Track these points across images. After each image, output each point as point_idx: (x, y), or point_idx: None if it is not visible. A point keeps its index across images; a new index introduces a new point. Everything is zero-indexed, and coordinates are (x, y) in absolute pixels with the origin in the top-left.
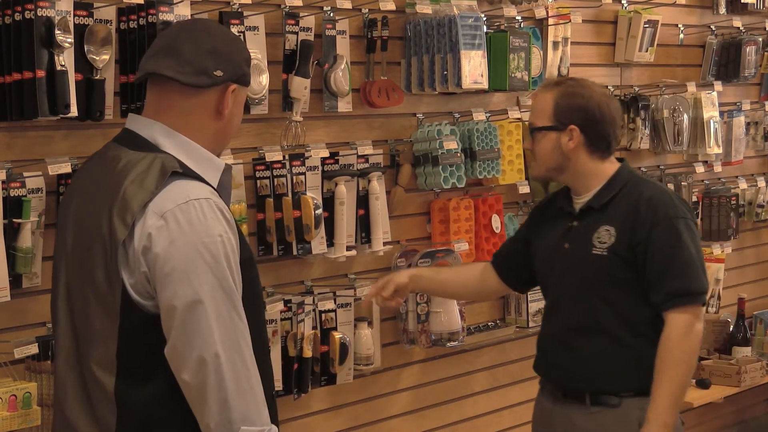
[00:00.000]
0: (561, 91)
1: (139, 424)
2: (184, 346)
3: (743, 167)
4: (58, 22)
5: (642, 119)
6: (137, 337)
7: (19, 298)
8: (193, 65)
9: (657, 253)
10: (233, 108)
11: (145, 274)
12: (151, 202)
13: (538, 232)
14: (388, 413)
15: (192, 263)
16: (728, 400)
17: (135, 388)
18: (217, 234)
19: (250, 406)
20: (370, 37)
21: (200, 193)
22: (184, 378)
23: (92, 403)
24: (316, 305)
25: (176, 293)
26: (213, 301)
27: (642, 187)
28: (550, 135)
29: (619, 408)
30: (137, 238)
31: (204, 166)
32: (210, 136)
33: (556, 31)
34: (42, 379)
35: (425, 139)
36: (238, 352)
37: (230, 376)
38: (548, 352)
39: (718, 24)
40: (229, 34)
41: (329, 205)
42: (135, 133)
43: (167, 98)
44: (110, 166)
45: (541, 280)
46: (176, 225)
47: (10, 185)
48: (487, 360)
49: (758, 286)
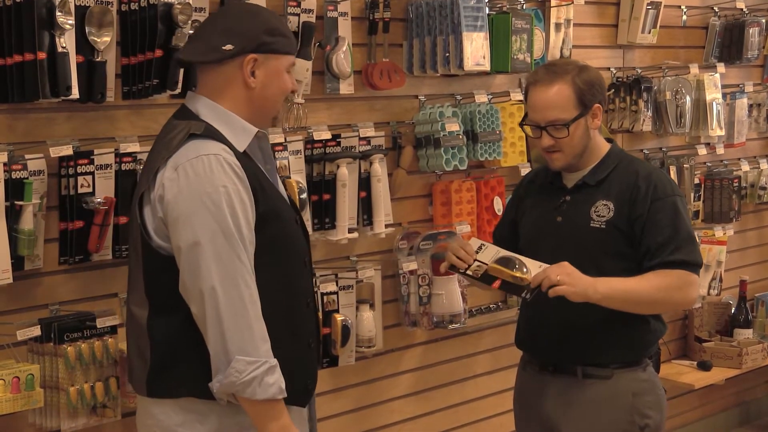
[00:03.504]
0: (573, 75)
1: (166, 354)
2: (189, 281)
3: (746, 149)
4: (59, 4)
5: (644, 101)
6: (158, 275)
7: (22, 281)
8: (206, 44)
9: (658, 226)
10: (263, 77)
11: (161, 218)
12: (170, 157)
13: (525, 208)
14: (390, 395)
15: (195, 209)
16: (729, 382)
17: (161, 322)
18: (221, 185)
19: (246, 339)
20: (371, 18)
21: (211, 149)
22: (193, 310)
23: (138, 338)
24: (318, 287)
25: (181, 236)
26: (212, 243)
27: (636, 165)
28: (580, 122)
29: (611, 379)
30: (156, 186)
31: (237, 131)
32: (246, 105)
33: (559, 13)
34: (45, 360)
35: (427, 121)
36: (236, 289)
37: (227, 310)
38: (537, 325)
39: (721, 5)
40: (248, 9)
41: (331, 188)
42: (186, 107)
43: (201, 76)
44: (160, 136)
45: (528, 252)
46: (185, 176)
47: (11, 167)
48: (488, 342)
49: (760, 269)
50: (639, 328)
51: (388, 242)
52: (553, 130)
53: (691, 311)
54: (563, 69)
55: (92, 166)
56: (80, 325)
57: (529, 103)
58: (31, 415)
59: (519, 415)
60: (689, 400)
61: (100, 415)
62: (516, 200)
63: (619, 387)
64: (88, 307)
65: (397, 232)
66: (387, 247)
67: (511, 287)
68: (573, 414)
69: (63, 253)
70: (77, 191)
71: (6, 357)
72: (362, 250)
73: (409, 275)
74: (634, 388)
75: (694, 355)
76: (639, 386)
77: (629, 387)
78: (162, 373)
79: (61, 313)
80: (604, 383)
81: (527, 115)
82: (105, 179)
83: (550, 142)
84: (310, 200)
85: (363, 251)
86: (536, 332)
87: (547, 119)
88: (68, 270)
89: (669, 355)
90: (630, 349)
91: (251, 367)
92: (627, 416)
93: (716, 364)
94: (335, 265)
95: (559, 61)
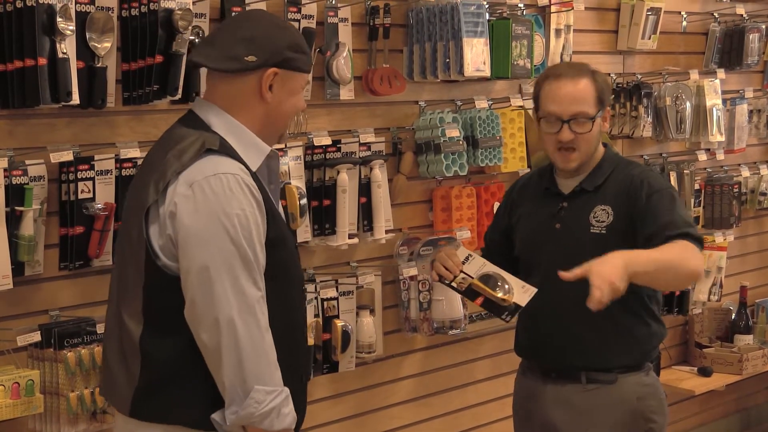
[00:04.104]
0: (594, 74)
1: (159, 375)
2: (201, 308)
3: (746, 155)
4: (59, 10)
5: (644, 107)
6: (160, 295)
7: (22, 286)
8: (225, 52)
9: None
10: (280, 93)
11: (171, 237)
12: (183, 171)
13: (520, 215)
14: (390, 401)
15: (211, 231)
16: (730, 388)
17: (158, 341)
18: (239, 207)
19: (263, 368)
20: (372, 24)
21: (229, 168)
22: (202, 338)
23: (125, 351)
24: (318, 293)
25: (194, 257)
26: (229, 268)
27: (631, 167)
28: (598, 120)
29: (615, 384)
30: (167, 202)
31: (250, 149)
32: (258, 119)
33: (559, 19)
34: (45, 366)
35: (427, 126)
36: (254, 317)
37: (245, 339)
38: (538, 331)
39: (721, 11)
40: (275, 21)
41: (331, 193)
42: (194, 114)
43: (213, 83)
44: (166, 142)
45: (526, 260)
46: (202, 195)
47: (12, 173)
48: (489, 348)
49: (760, 274)
50: (641, 331)
51: (389, 248)
52: (575, 125)
53: (692, 317)
54: (584, 67)
55: (92, 172)
56: (80, 331)
57: (550, 96)
58: (31, 421)
59: (519, 421)
60: (690, 406)
61: (101, 421)
62: (509, 206)
63: (623, 391)
64: (89, 312)
65: (398, 237)
66: (387, 252)
67: (492, 306)
68: (577, 420)
69: (63, 258)
70: (77, 197)
71: (6, 363)
72: (362, 256)
73: (410, 281)
74: (638, 392)
75: (695, 361)
76: (643, 390)
77: (633, 391)
78: (151, 395)
79: (61, 318)
80: (608, 388)
81: (539, 109)
82: (105, 185)
83: (571, 136)
84: (311, 206)
85: (363, 257)
86: (538, 339)
87: (572, 112)
88: (68, 276)
89: (669, 361)
90: (633, 353)
91: (270, 396)
92: (632, 421)
93: (717, 370)
94: (335, 271)
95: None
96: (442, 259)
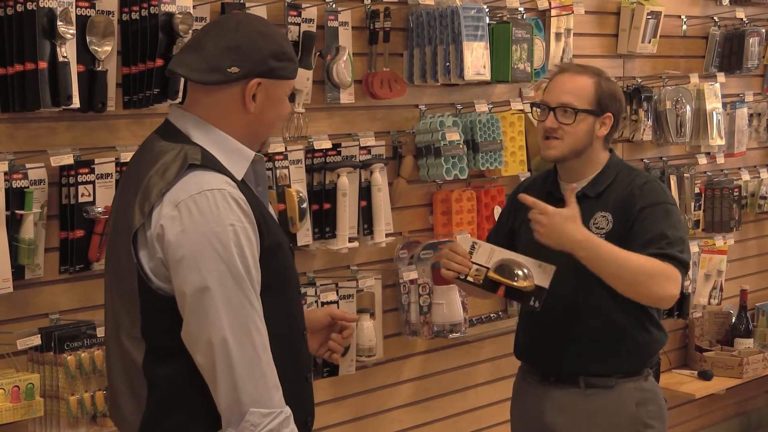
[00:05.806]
0: (601, 78)
1: (165, 398)
2: (195, 329)
3: (746, 159)
4: (60, 13)
5: (644, 110)
6: (158, 317)
7: (22, 290)
8: (208, 62)
9: (648, 227)
10: (264, 102)
11: (161, 259)
12: (168, 191)
13: (523, 218)
14: (391, 405)
15: (201, 251)
16: (730, 392)
17: (161, 364)
18: (228, 223)
19: (260, 389)
20: (372, 28)
21: (214, 183)
22: (198, 360)
23: (129, 376)
24: (318, 297)
25: (186, 279)
26: (222, 288)
27: (633, 175)
28: (588, 119)
29: (614, 390)
30: (153, 225)
31: (232, 157)
32: (242, 129)
33: (559, 23)
34: (45, 370)
35: (427, 130)
36: (248, 336)
37: (239, 361)
38: (537, 336)
39: (721, 15)
40: (260, 29)
41: (331, 197)
42: (172, 124)
43: (194, 93)
44: (145, 156)
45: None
46: (188, 214)
47: (12, 176)
48: (489, 351)
49: (760, 278)
50: (642, 337)
51: (389, 251)
52: (560, 114)
53: (692, 320)
54: (594, 69)
55: (93, 175)
56: (81, 334)
57: (548, 87)
58: (31, 425)
59: (516, 425)
60: (690, 410)
61: (101, 425)
62: (513, 208)
63: (622, 397)
64: (89, 316)
65: (398, 241)
66: (387, 256)
67: (515, 294)
68: (575, 424)
69: (63, 262)
70: (78, 200)
71: (6, 366)
72: (363, 260)
73: (410, 284)
74: (636, 397)
75: (695, 364)
76: (642, 396)
77: (632, 397)
78: (159, 419)
79: (61, 322)
80: (607, 393)
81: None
82: (106, 188)
83: (555, 124)
84: (311, 209)
85: (363, 260)
86: (538, 343)
87: (559, 101)
88: (69, 279)
89: (669, 365)
90: (633, 359)
91: (267, 419)
92: (630, 426)
93: (717, 373)
94: (336, 275)
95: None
96: (449, 256)
